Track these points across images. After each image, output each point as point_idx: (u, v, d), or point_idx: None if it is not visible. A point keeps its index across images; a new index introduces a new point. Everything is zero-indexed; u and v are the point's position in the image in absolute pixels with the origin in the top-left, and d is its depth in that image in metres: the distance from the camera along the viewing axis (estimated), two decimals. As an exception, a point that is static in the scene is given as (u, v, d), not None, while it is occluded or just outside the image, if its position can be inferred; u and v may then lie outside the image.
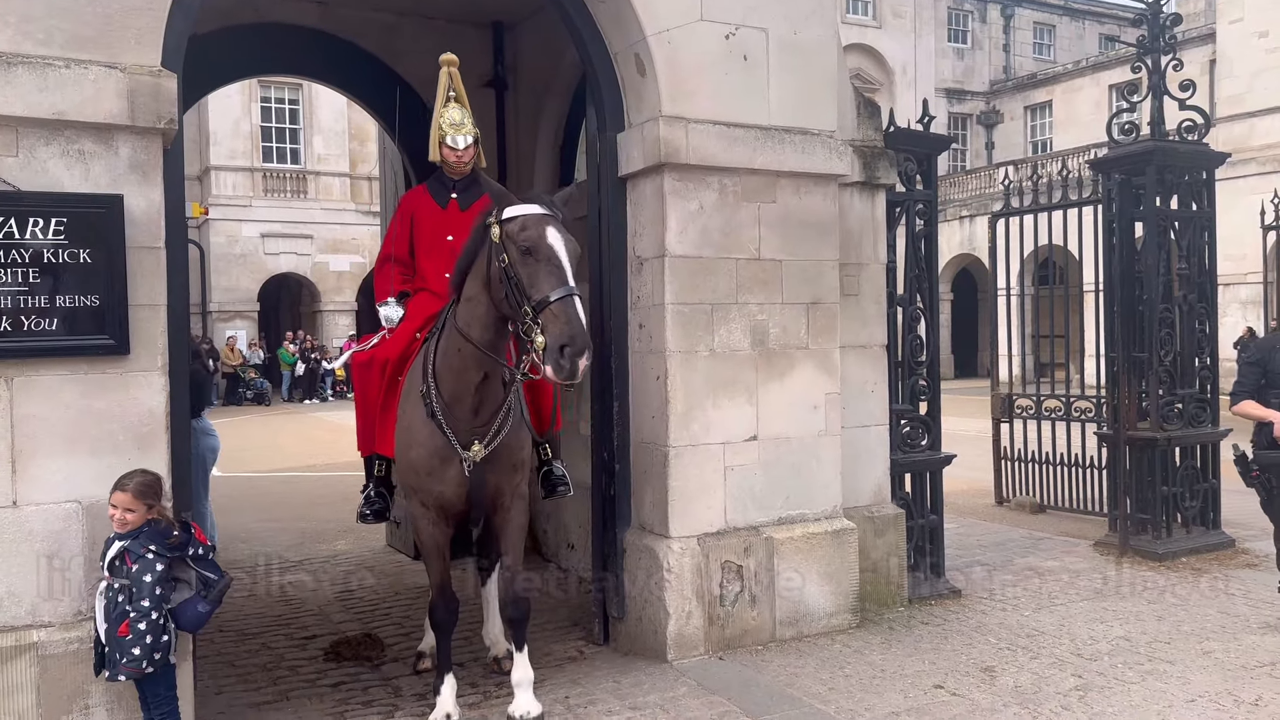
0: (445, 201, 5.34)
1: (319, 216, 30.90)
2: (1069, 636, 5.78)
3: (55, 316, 4.01)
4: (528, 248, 3.99)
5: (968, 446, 10.10)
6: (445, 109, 5.23)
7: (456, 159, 5.24)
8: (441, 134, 5.22)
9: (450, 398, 4.42)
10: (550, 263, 3.95)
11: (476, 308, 4.30)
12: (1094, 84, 34.47)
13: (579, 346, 3.81)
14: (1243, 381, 5.89)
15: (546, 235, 4.00)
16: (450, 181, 5.36)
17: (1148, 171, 7.84)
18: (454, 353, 4.38)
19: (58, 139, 4.05)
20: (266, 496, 11.88)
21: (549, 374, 3.86)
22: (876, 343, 6.48)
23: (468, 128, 5.24)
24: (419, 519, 4.63)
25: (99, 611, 3.86)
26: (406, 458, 4.57)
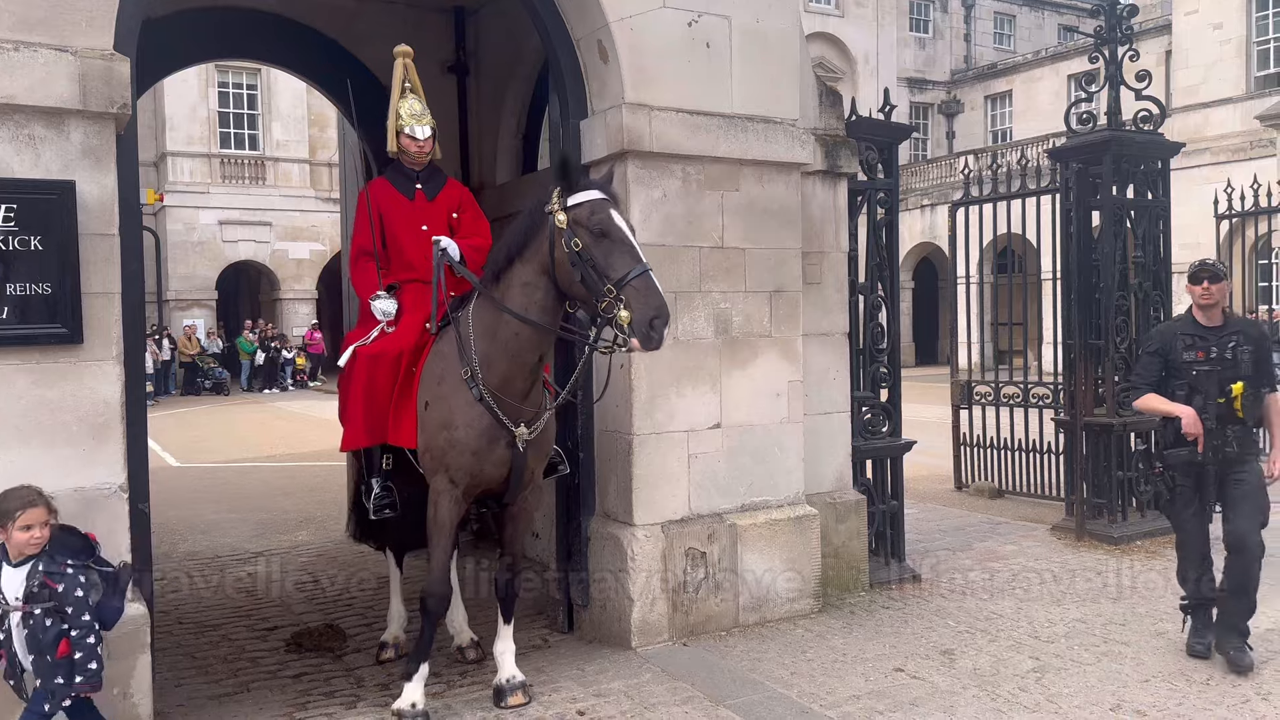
0: (411, 193, 5.31)
1: (278, 203, 30.50)
2: (1026, 619, 5.88)
3: (6, 305, 3.93)
4: (601, 231, 4.19)
5: (928, 433, 10.23)
6: (404, 100, 5.24)
7: (418, 149, 5.24)
8: (400, 124, 5.21)
9: (501, 380, 4.52)
10: (624, 244, 4.20)
11: (535, 292, 4.45)
12: (1053, 74, 34.85)
13: (666, 316, 4.11)
14: (1143, 374, 5.30)
15: (614, 218, 4.24)
16: (412, 172, 5.33)
17: (1104, 161, 7.95)
18: (511, 336, 4.48)
19: (7, 123, 3.96)
20: (226, 487, 11.74)
21: (636, 345, 4.12)
22: (838, 330, 6.52)
23: (427, 118, 5.25)
24: (442, 495, 4.60)
25: (19, 645, 3.61)
26: (449, 436, 4.56)
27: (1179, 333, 5.21)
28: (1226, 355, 5.05)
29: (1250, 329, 5.25)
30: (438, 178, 5.40)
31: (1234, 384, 5.02)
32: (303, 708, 4.76)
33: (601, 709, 4.65)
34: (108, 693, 4.04)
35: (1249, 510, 5.04)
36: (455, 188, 5.53)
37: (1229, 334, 5.10)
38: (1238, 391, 5.02)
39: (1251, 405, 5.08)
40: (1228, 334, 5.11)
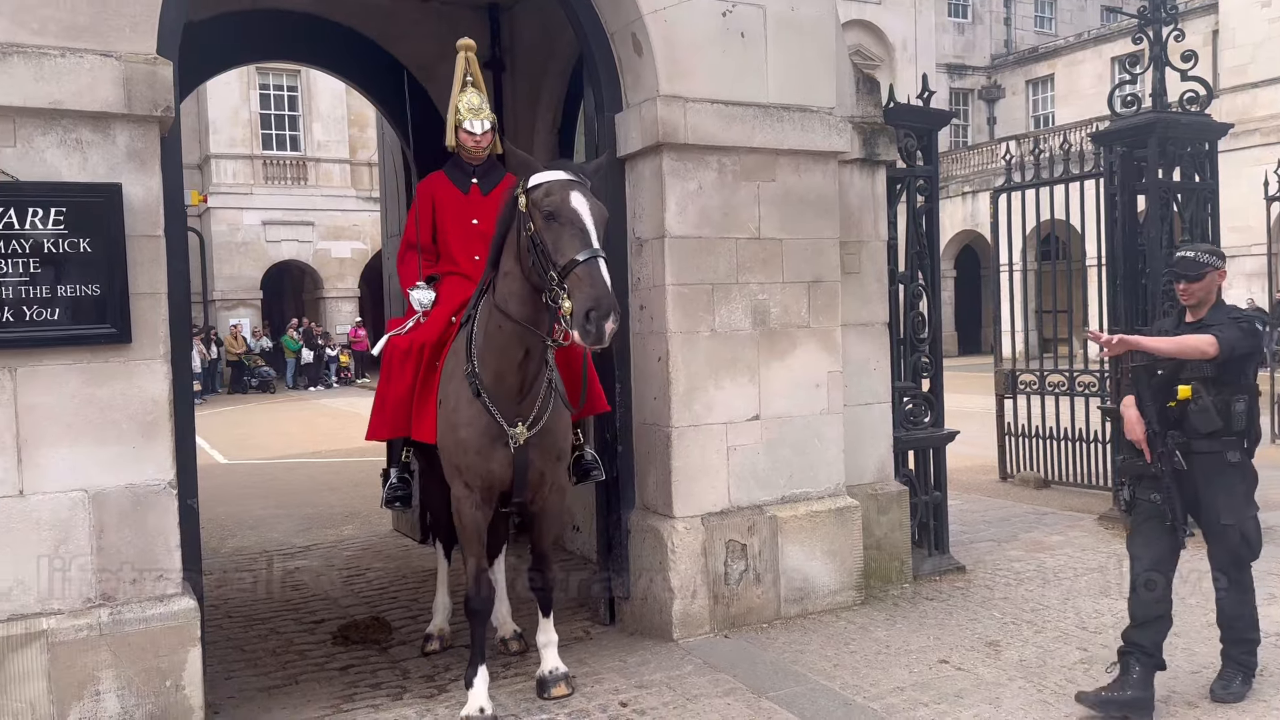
0: (466, 187, 5.29)
1: (320, 203, 30.88)
2: (1074, 610, 5.81)
3: (57, 306, 4.01)
4: (550, 212, 3.95)
5: (972, 423, 10.12)
6: (463, 93, 5.15)
7: (474, 144, 5.19)
8: (459, 119, 5.15)
9: (494, 376, 4.38)
10: (573, 226, 3.91)
11: (512, 282, 4.24)
12: (1096, 56, 34.24)
13: (604, 309, 3.76)
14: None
15: (570, 199, 3.96)
16: (469, 167, 5.30)
17: (1149, 144, 7.80)
18: (495, 330, 4.33)
19: (55, 128, 4.04)
20: (273, 483, 11.93)
21: (576, 339, 3.82)
22: (878, 320, 6.47)
23: (485, 112, 5.18)
24: (462, 501, 4.53)
25: None
26: (455, 438, 4.49)
27: (1162, 330, 4.70)
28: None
29: (1229, 328, 4.34)
30: (496, 173, 5.31)
31: (1182, 386, 4.35)
32: (350, 699, 4.82)
33: (644, 700, 4.67)
34: (160, 684, 4.15)
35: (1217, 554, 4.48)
36: (511, 183, 5.43)
37: (1203, 330, 4.39)
38: (1183, 394, 4.34)
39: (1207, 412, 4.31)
40: (1202, 330, 4.40)
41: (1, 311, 3.92)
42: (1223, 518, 4.39)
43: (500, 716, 4.46)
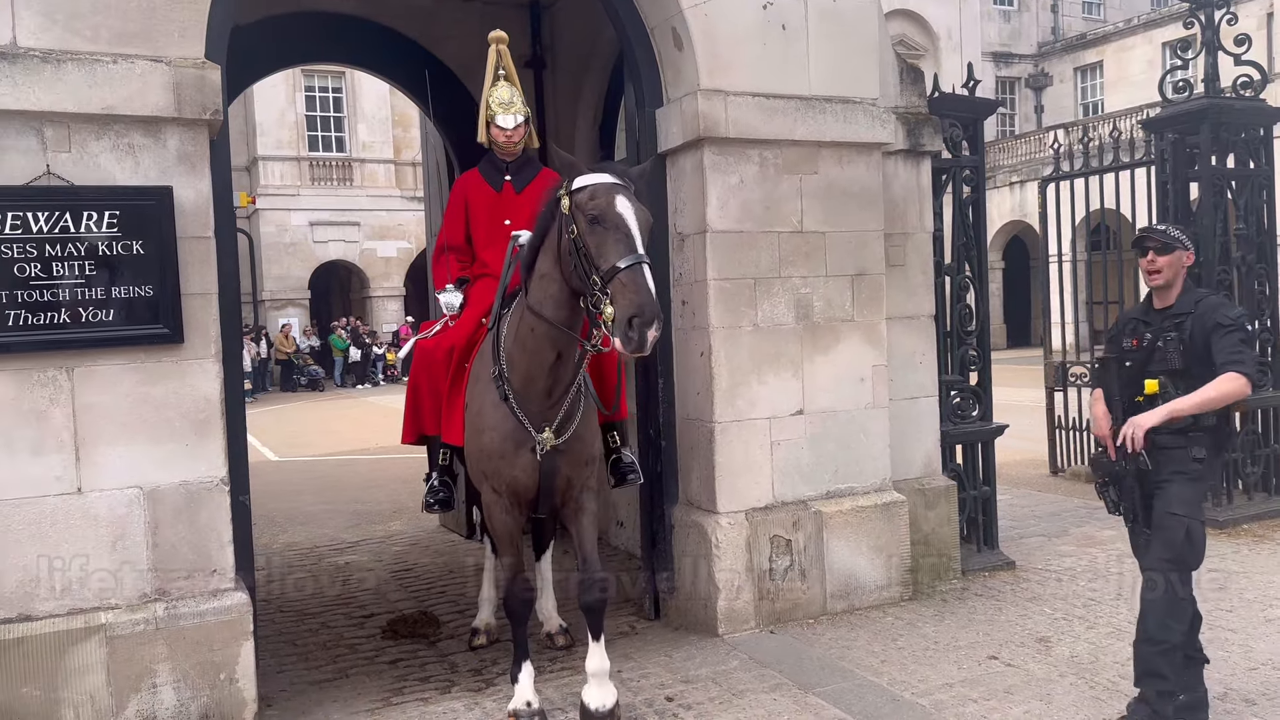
0: (499, 185, 5.21)
1: (365, 204, 31.27)
2: (1126, 606, 5.69)
3: (111, 307, 4.11)
4: (595, 216, 3.83)
5: (1021, 416, 9.97)
6: (494, 88, 5.06)
7: (506, 139, 5.10)
8: (490, 114, 5.07)
9: (523, 379, 4.28)
10: (618, 230, 3.79)
11: (550, 285, 4.13)
12: (1146, 42, 33.52)
13: (648, 316, 3.64)
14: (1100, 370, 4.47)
15: (615, 203, 3.85)
16: (502, 163, 5.22)
17: (1202, 130, 7.64)
18: (527, 333, 4.22)
19: (108, 133, 4.14)
20: (323, 480, 12.11)
21: (618, 346, 3.71)
22: (924, 313, 6.40)
23: (517, 106, 5.07)
24: (492, 506, 4.47)
25: None
26: (479, 443, 4.43)
27: (1129, 317, 4.30)
28: (1159, 344, 4.04)
29: (1208, 314, 3.98)
30: (530, 168, 5.23)
31: (1149, 380, 4.03)
32: (399, 693, 4.88)
33: (690, 695, 4.67)
34: (214, 677, 4.23)
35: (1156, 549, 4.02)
36: (546, 179, 5.16)
37: (1174, 317, 4.04)
38: (1150, 390, 4.01)
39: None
40: (1173, 317, 4.05)
41: (58, 313, 4.03)
42: (1173, 507, 3.96)
43: (546, 710, 4.48)
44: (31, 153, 4.02)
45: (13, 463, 4.01)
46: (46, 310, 4.01)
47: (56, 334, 4.03)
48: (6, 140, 3.98)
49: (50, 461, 4.07)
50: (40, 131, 4.03)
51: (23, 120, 3.99)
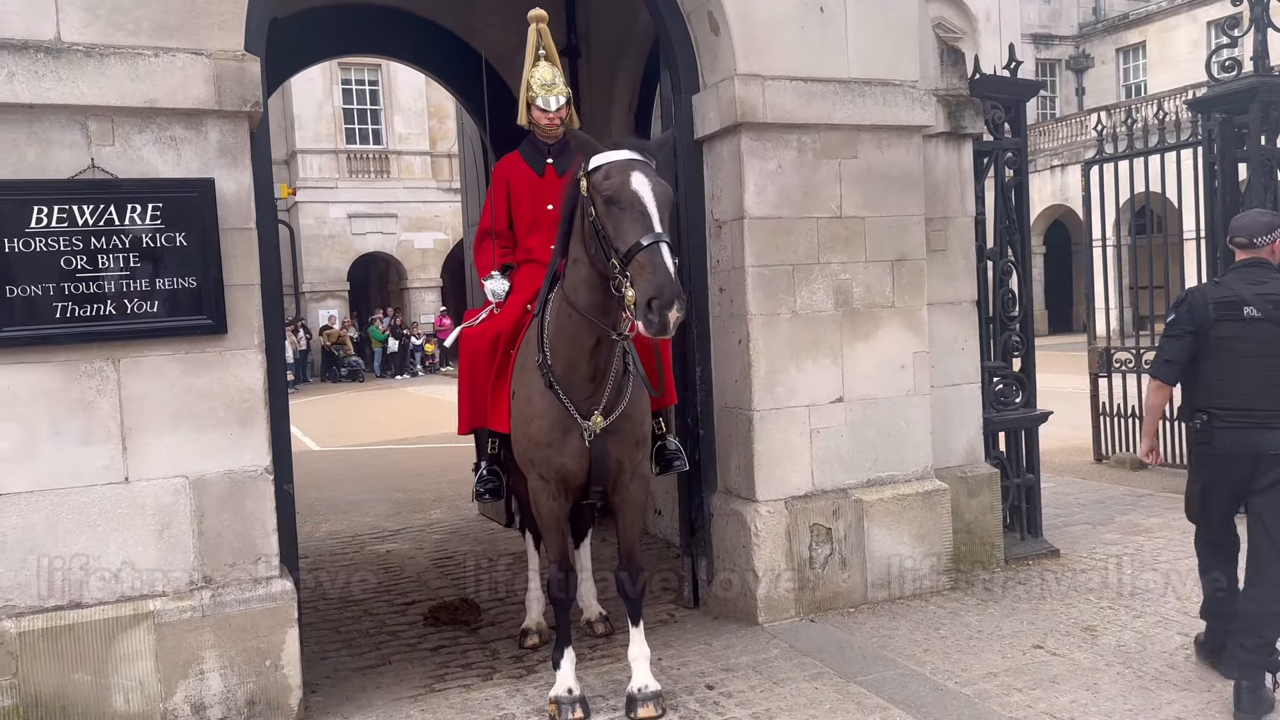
0: (541, 168, 5.10)
1: (402, 195, 31.48)
2: (1174, 594, 5.61)
3: (156, 299, 4.16)
4: (611, 196, 3.76)
5: (1065, 403, 9.83)
6: (535, 68, 4.95)
7: (548, 121, 5.00)
8: (531, 95, 4.95)
9: (565, 366, 4.23)
10: (634, 209, 3.71)
11: (580, 269, 4.07)
12: (1190, 21, 32.84)
13: (667, 297, 3.55)
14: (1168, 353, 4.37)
15: (630, 181, 3.76)
16: (544, 146, 5.12)
17: (1251, 109, 7.45)
18: (565, 319, 4.18)
19: (150, 126, 4.18)
20: (364, 469, 12.23)
21: (641, 330, 3.65)
22: (966, 299, 6.32)
23: (559, 87, 4.96)
24: (539, 493, 4.44)
25: None
26: (525, 431, 4.39)
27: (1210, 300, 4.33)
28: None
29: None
30: (571, 150, 5.03)
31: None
32: (441, 679, 4.92)
33: (730, 683, 4.66)
34: (260, 664, 4.28)
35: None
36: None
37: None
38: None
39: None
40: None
41: (104, 304, 4.08)
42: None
43: (587, 697, 4.49)
44: (76, 146, 4.07)
45: (61, 453, 4.08)
46: (92, 302, 4.06)
47: (102, 325, 4.08)
48: (52, 134, 4.04)
49: (98, 451, 4.13)
50: (84, 125, 4.08)
51: (68, 115, 4.05)
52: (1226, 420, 4.18)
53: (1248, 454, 4.15)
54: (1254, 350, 4.13)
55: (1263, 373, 4.11)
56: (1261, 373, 4.11)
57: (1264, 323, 4.11)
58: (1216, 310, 4.21)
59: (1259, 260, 4.27)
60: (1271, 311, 4.12)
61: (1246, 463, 4.16)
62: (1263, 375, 4.12)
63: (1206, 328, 4.22)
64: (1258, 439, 4.12)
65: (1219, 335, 4.19)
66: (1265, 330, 4.11)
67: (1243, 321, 4.15)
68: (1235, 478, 4.23)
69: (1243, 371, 4.14)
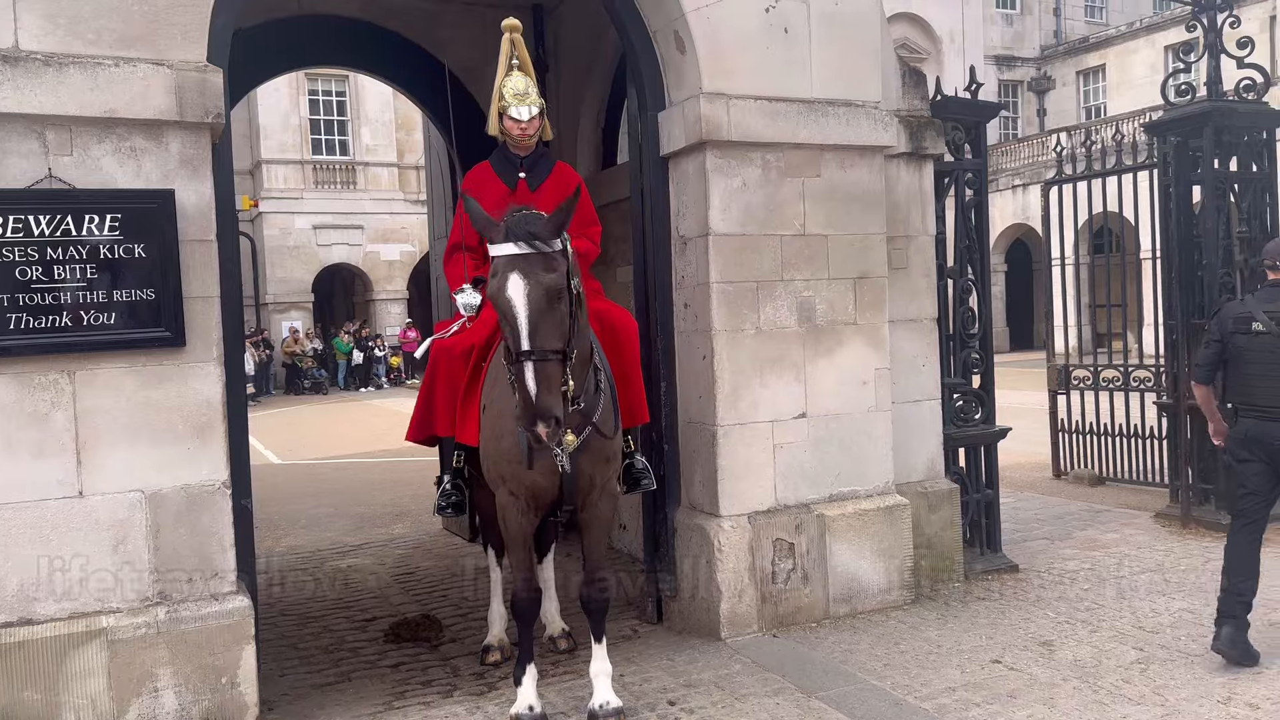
0: (514, 182, 4.94)
1: (369, 207, 31.29)
2: (1130, 610, 5.69)
3: (113, 310, 4.11)
4: (492, 297, 3.82)
5: (1024, 419, 9.98)
6: (508, 77, 4.83)
7: (521, 131, 4.86)
8: (503, 104, 4.83)
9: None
10: (508, 318, 3.78)
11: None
12: (1149, 46, 33.50)
13: (527, 419, 3.68)
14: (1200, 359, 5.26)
15: (506, 287, 3.75)
16: (517, 159, 4.97)
17: (1204, 133, 7.63)
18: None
19: (110, 136, 4.14)
20: (326, 483, 12.11)
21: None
22: (926, 316, 6.40)
23: (533, 97, 4.85)
24: (507, 508, 4.40)
25: None
26: (497, 446, 4.35)
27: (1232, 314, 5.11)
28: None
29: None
30: (544, 163, 5.01)
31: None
32: (401, 696, 4.87)
33: (692, 699, 4.66)
34: (216, 681, 4.23)
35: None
36: (562, 175, 5.08)
37: None
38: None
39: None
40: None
41: (60, 316, 4.03)
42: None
43: (549, 714, 4.47)
44: (33, 156, 4.02)
45: (14, 466, 4.01)
46: (48, 313, 4.01)
47: (58, 337, 4.03)
48: (8, 144, 3.99)
49: (52, 465, 4.06)
50: (42, 135, 4.03)
51: (25, 124, 4.00)
52: (1246, 413, 4.96)
53: (1265, 443, 4.85)
54: (1261, 359, 4.88)
55: (1270, 377, 4.85)
56: (1269, 377, 4.85)
57: (1268, 336, 4.86)
58: (1234, 324, 5.00)
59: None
60: (1275, 327, 4.84)
61: (1265, 449, 4.86)
62: (1270, 379, 4.85)
63: (1227, 338, 5.02)
64: (1274, 430, 4.82)
65: (1235, 345, 4.99)
66: (1269, 342, 4.86)
67: (1251, 334, 4.92)
68: (1261, 463, 4.89)
69: (1254, 376, 4.91)
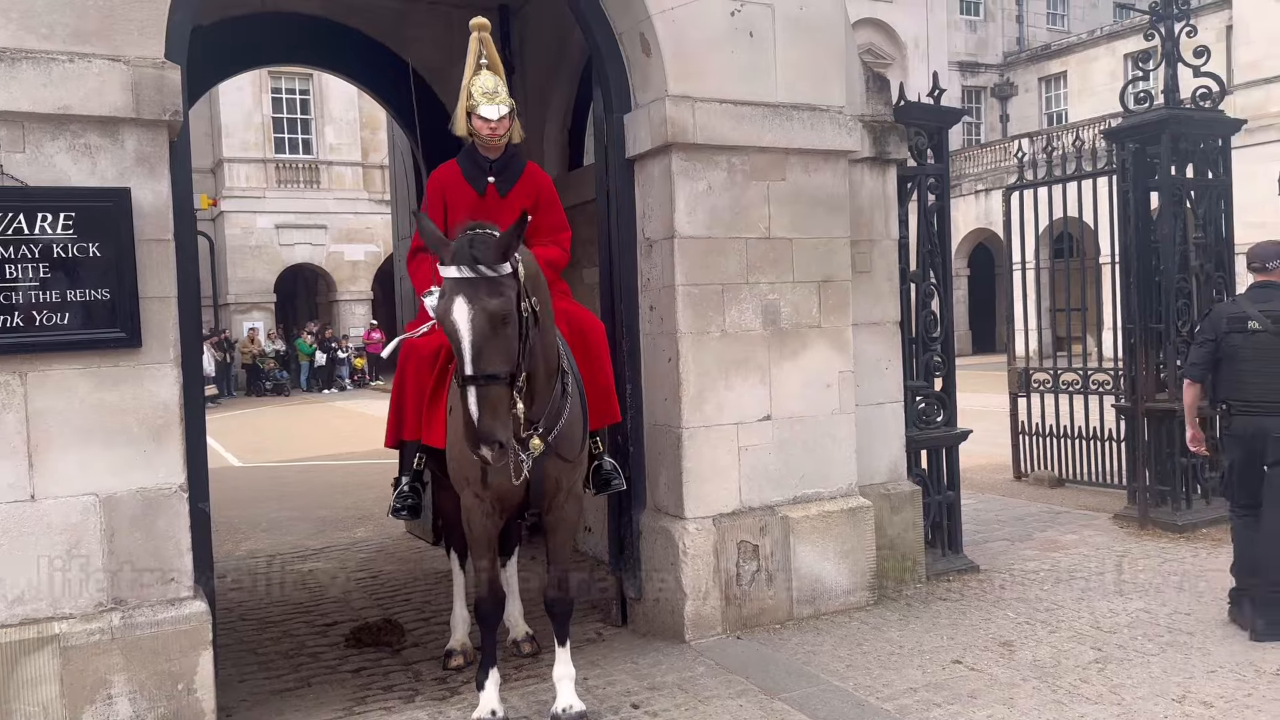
0: (482, 186, 4.84)
1: (332, 206, 31.01)
2: (1088, 610, 5.76)
3: (67, 311, 4.03)
4: (439, 318, 3.78)
5: (985, 422, 10.07)
6: (477, 76, 4.69)
7: (490, 131, 4.70)
8: (472, 103, 4.67)
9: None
10: (453, 341, 3.74)
11: None
12: (1109, 53, 34.05)
13: (471, 441, 3.69)
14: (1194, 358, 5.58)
15: (451, 310, 3.71)
16: (485, 162, 4.85)
17: (1162, 140, 7.75)
18: None
19: (64, 133, 4.06)
20: (287, 486, 11.96)
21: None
22: (890, 319, 6.44)
23: (502, 96, 4.70)
24: (472, 510, 4.37)
25: None
26: (463, 449, 4.25)
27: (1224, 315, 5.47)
28: None
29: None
30: (514, 166, 4.90)
31: None
32: (362, 701, 4.82)
33: (655, 702, 4.65)
34: (172, 688, 4.16)
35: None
36: (532, 179, 4.98)
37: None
38: None
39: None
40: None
41: (11, 316, 3.94)
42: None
43: (511, 718, 4.44)
44: (-15, 152, 3.93)
45: (-36, 469, 3.92)
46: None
47: (10, 338, 3.94)
48: (-41, 140, 3.90)
49: (2, 468, 3.97)
50: (-6, 131, 3.94)
51: (-25, 119, 3.91)
52: (1240, 409, 5.25)
53: (1259, 436, 5.15)
54: (1257, 355, 5.20)
55: (1265, 373, 5.16)
56: (1264, 373, 5.16)
57: (1264, 334, 5.18)
58: (1228, 324, 5.31)
59: (1270, 282, 5.33)
60: (1270, 325, 5.18)
61: (1258, 442, 5.16)
62: (1265, 375, 5.16)
63: (1221, 337, 5.31)
64: (1266, 424, 5.13)
65: (1230, 343, 5.28)
66: (1265, 340, 5.18)
67: (1247, 333, 5.23)
68: (1253, 455, 5.19)
69: (1249, 372, 5.20)
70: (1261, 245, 5.49)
